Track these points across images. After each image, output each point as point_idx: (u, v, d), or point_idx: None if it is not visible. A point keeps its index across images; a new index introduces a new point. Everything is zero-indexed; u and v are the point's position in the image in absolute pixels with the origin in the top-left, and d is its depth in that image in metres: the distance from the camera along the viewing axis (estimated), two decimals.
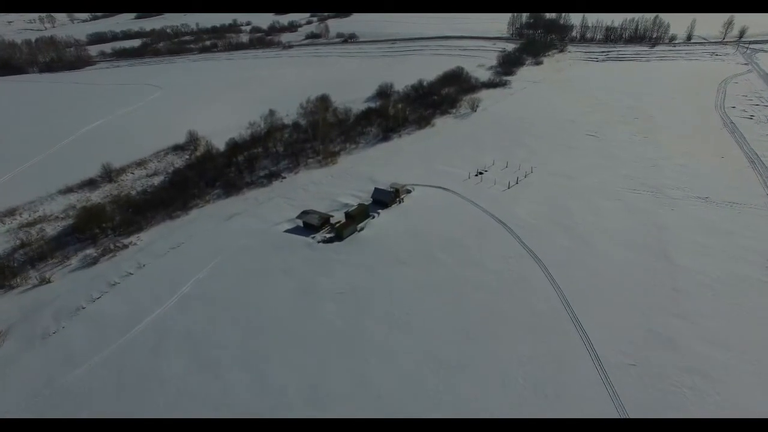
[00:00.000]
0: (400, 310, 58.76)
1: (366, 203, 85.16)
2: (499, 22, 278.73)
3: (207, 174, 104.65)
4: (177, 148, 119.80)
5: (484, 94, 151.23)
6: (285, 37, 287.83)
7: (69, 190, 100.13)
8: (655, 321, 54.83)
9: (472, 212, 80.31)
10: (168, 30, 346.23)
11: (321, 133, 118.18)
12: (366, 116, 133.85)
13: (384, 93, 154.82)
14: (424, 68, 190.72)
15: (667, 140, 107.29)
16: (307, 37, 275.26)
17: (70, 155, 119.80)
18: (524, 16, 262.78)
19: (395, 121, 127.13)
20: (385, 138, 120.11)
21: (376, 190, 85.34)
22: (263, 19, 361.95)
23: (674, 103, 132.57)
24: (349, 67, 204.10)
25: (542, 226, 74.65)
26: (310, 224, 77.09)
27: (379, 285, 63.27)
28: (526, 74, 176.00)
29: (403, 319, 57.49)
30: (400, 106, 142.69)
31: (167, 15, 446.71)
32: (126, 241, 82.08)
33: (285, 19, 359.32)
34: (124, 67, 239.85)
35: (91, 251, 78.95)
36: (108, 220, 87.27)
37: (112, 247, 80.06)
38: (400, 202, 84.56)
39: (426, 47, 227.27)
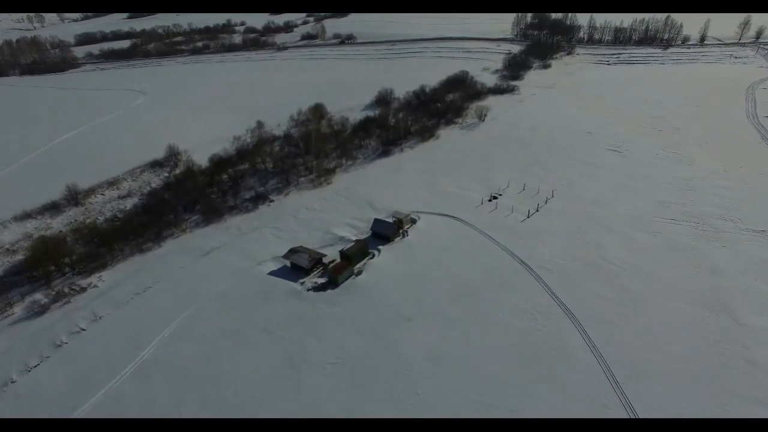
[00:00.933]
0: (407, 389, 46.74)
1: (365, 236, 73.26)
2: (502, 22, 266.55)
3: (186, 196, 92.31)
4: (155, 165, 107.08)
5: (491, 101, 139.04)
6: (280, 38, 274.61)
7: (27, 215, 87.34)
8: (731, 407, 43.11)
9: (488, 249, 68.25)
10: (159, 30, 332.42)
11: (314, 147, 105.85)
12: (364, 127, 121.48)
13: (383, 100, 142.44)
14: (425, 71, 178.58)
15: (699, 156, 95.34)
16: (303, 37, 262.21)
17: (34, 172, 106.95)
18: (529, 16, 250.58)
19: (396, 133, 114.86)
20: (385, 152, 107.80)
21: (376, 221, 73.12)
22: (258, 19, 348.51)
23: (700, 111, 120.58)
24: (346, 70, 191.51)
25: (573, 269, 62.69)
26: (298, 266, 64.95)
27: (381, 352, 51.14)
28: (534, 79, 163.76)
29: (411, 401, 45.57)
30: (401, 115, 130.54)
31: (160, 15, 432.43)
32: (85, 282, 69.64)
33: (281, 19, 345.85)
34: (110, 70, 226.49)
35: (41, 296, 66.58)
36: (67, 254, 74.82)
37: (67, 290, 67.67)
38: (403, 236, 72.44)
39: (426, 49, 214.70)
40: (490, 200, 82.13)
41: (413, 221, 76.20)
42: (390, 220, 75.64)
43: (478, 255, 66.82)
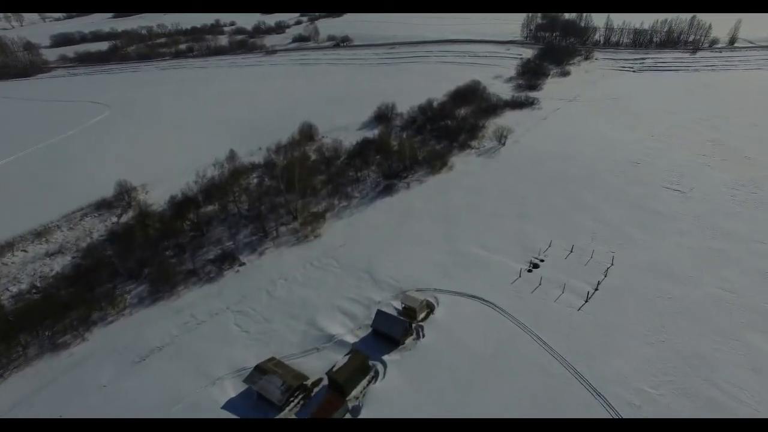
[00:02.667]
0: None
1: (364, 331, 51.86)
2: (505, 22, 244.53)
3: (133, 254, 70.33)
4: (102, 206, 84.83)
5: (509, 118, 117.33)
6: (270, 40, 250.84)
7: None
8: None
9: (537, 361, 46.72)
10: (143, 31, 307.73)
11: (299, 184, 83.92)
12: (361, 152, 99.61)
13: (384, 116, 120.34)
14: (429, 79, 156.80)
15: None
16: (295, 39, 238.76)
17: None
18: (539, 16, 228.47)
19: (400, 161, 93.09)
20: (388, 188, 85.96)
21: (380, 315, 51.41)
22: (249, 19, 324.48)
23: (764, 133, 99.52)
24: (340, 77, 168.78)
25: (674, 405, 41.62)
26: (268, 398, 43.42)
27: None
28: (554, 89, 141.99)
29: None
30: (405, 135, 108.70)
31: (147, 15, 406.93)
32: None
33: (273, 19, 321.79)
34: (80, 76, 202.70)
35: None
36: None
37: None
38: (418, 336, 51.00)
39: (430, 53, 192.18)
40: (530, 270, 60.65)
41: (430, 308, 54.69)
42: (399, 306, 54.24)
43: (526, 373, 45.28)
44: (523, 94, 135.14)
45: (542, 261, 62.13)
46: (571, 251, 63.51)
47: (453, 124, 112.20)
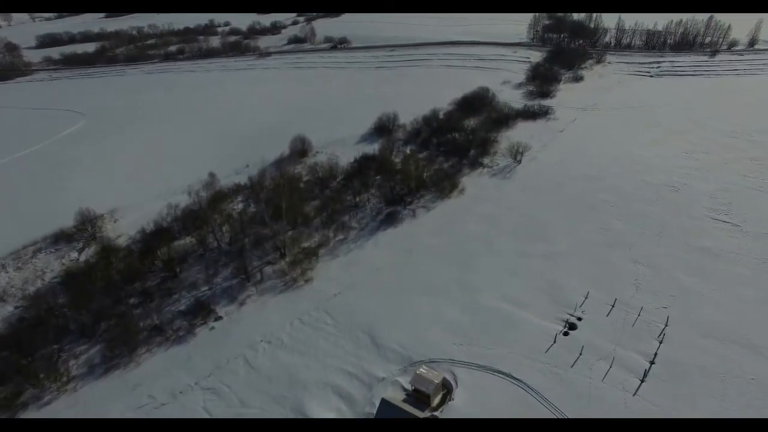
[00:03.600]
0: None
1: (365, 417, 40.61)
2: (512, 23, 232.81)
3: (89, 302, 58.69)
4: (60, 238, 73.15)
5: (522, 130, 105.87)
6: (265, 41, 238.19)
7: None
8: None
9: None
10: (133, 31, 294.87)
11: (288, 215, 72.30)
12: (360, 172, 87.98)
13: (384, 128, 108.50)
14: (433, 85, 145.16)
15: None
16: (290, 41, 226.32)
17: None
18: (546, 16, 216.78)
19: (405, 182, 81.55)
20: (391, 217, 74.41)
21: (384, 405, 40.19)
22: (244, 19, 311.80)
23: None
24: (337, 82, 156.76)
25: None
26: None
27: None
28: (568, 96, 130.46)
29: None
30: (409, 152, 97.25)
31: (140, 15, 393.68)
32: None
33: (268, 19, 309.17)
34: (61, 80, 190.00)
35: None
36: None
37: None
38: None
39: (432, 56, 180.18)
40: (565, 333, 49.32)
41: (447, 392, 43.36)
42: (408, 386, 42.92)
43: None
44: (536, 102, 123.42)
45: (579, 320, 50.73)
46: (613, 306, 52.19)
47: (461, 138, 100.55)
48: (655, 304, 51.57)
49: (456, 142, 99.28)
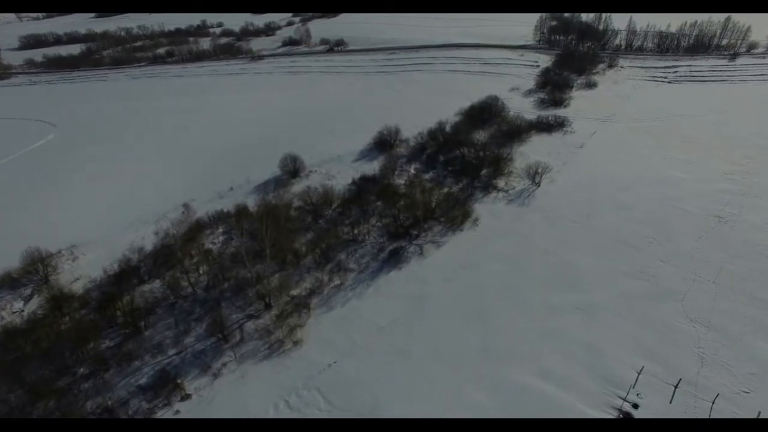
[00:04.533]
0: None
1: None
2: (516, 24, 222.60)
3: (28, 371, 47.82)
4: (5, 283, 62.16)
5: (537, 144, 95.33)
6: (258, 43, 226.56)
7: None
8: None
9: None
10: (121, 33, 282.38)
11: (274, 252, 61.44)
12: (359, 196, 77.04)
13: (385, 143, 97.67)
14: (437, 92, 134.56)
15: None
16: (284, 43, 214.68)
17: None
18: (552, 17, 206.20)
19: (410, 210, 70.73)
20: (395, 255, 63.46)
21: None
22: (238, 20, 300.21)
23: None
24: (333, 89, 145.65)
25: None
26: None
27: None
28: (583, 104, 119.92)
29: None
30: (413, 171, 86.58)
31: (131, 15, 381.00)
32: None
33: (263, 19, 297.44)
34: (41, 85, 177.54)
35: None
36: None
37: None
38: None
39: (435, 59, 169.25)
40: (620, 417, 38.88)
41: None
42: None
43: None
44: (550, 113, 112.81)
45: (636, 407, 40.28)
46: (676, 387, 41.72)
47: (471, 155, 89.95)
48: (731, 385, 41.12)
49: (465, 159, 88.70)
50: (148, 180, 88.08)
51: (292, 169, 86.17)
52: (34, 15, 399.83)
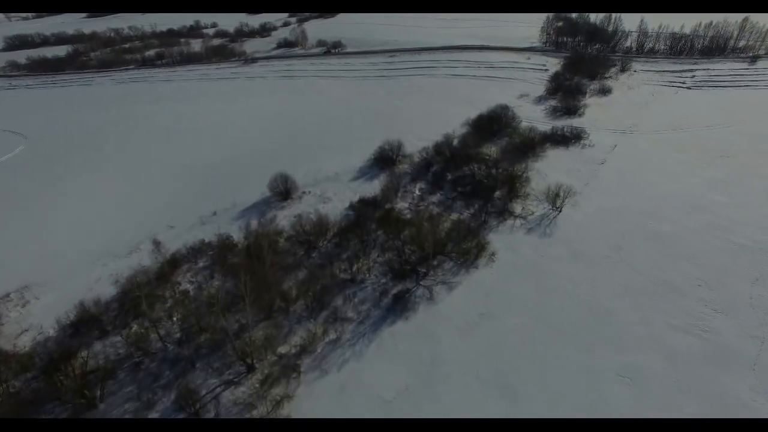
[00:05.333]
0: None
1: None
2: (520, 25, 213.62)
3: None
4: None
5: (554, 160, 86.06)
6: (252, 45, 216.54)
7: None
8: None
9: None
10: (111, 33, 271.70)
11: (253, 299, 52.07)
12: (357, 224, 67.65)
13: (387, 159, 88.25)
14: (441, 99, 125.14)
15: None
16: (279, 45, 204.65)
17: None
18: (559, 18, 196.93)
19: (417, 243, 61.39)
20: (400, 301, 53.70)
21: None
22: (233, 20, 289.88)
23: None
24: (330, 95, 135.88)
25: None
26: None
27: None
28: (599, 114, 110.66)
29: None
30: (418, 193, 77.31)
31: (124, 15, 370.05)
32: None
33: (258, 20, 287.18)
34: (20, 89, 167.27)
35: None
36: None
37: None
38: None
39: (437, 63, 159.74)
40: None
41: None
42: None
43: None
44: (565, 123, 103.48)
45: None
46: None
47: (482, 172, 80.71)
48: None
49: (476, 178, 79.40)
50: (122, 202, 78.51)
51: (283, 190, 76.75)
52: (24, 15, 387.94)
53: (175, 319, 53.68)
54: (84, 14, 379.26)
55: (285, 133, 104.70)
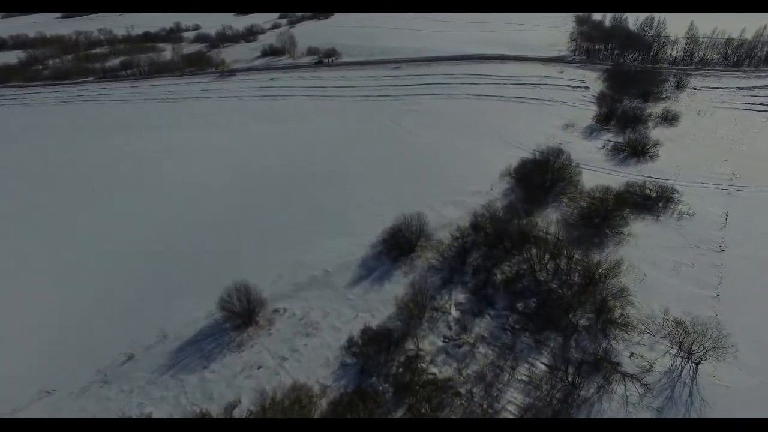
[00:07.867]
0: None
1: None
2: (532, 27, 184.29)
3: None
4: None
5: (647, 243, 56.71)
6: (233, 52, 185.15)
7: None
8: None
9: None
10: (80, 37, 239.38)
11: None
12: (362, 399, 38.88)
13: (403, 244, 58.96)
14: (464, 131, 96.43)
15: None
16: (264, 53, 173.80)
17: None
18: (585, 22, 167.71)
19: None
20: None
21: None
22: (218, 21, 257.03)
23: None
24: (320, 125, 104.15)
25: None
26: None
27: None
28: (675, 153, 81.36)
29: None
30: (450, 303, 48.44)
31: (101, 15, 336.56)
32: None
33: (245, 21, 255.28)
34: None
35: None
36: None
37: None
38: None
39: (452, 77, 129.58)
40: None
41: None
42: None
43: None
44: (639, 172, 74.60)
45: None
46: None
47: (548, 268, 51.84)
48: None
49: (538, 281, 50.62)
50: (37, 304, 49.10)
51: (242, 310, 47.57)
52: None
53: None
54: (59, 14, 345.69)
55: (253, 194, 73.96)
